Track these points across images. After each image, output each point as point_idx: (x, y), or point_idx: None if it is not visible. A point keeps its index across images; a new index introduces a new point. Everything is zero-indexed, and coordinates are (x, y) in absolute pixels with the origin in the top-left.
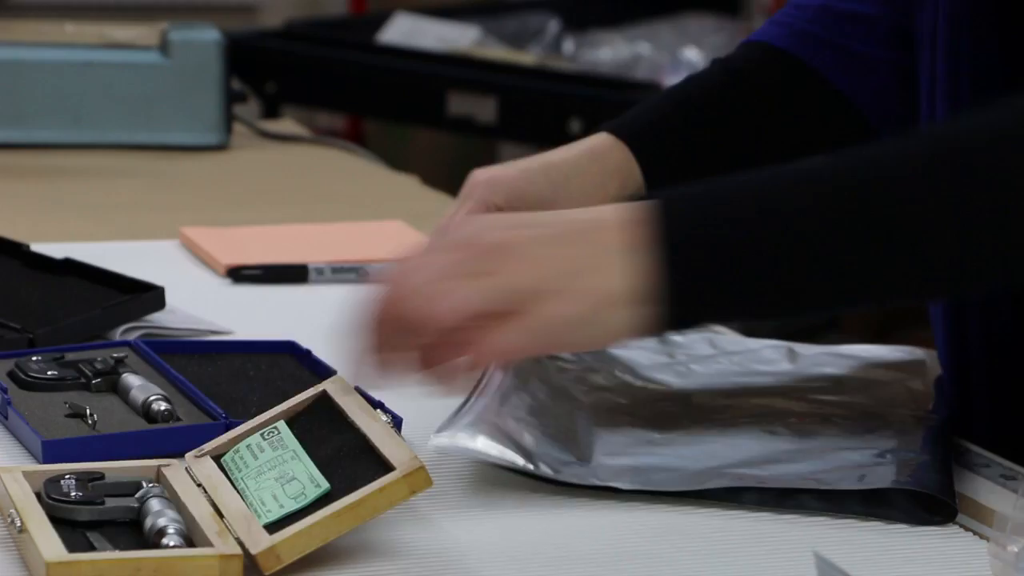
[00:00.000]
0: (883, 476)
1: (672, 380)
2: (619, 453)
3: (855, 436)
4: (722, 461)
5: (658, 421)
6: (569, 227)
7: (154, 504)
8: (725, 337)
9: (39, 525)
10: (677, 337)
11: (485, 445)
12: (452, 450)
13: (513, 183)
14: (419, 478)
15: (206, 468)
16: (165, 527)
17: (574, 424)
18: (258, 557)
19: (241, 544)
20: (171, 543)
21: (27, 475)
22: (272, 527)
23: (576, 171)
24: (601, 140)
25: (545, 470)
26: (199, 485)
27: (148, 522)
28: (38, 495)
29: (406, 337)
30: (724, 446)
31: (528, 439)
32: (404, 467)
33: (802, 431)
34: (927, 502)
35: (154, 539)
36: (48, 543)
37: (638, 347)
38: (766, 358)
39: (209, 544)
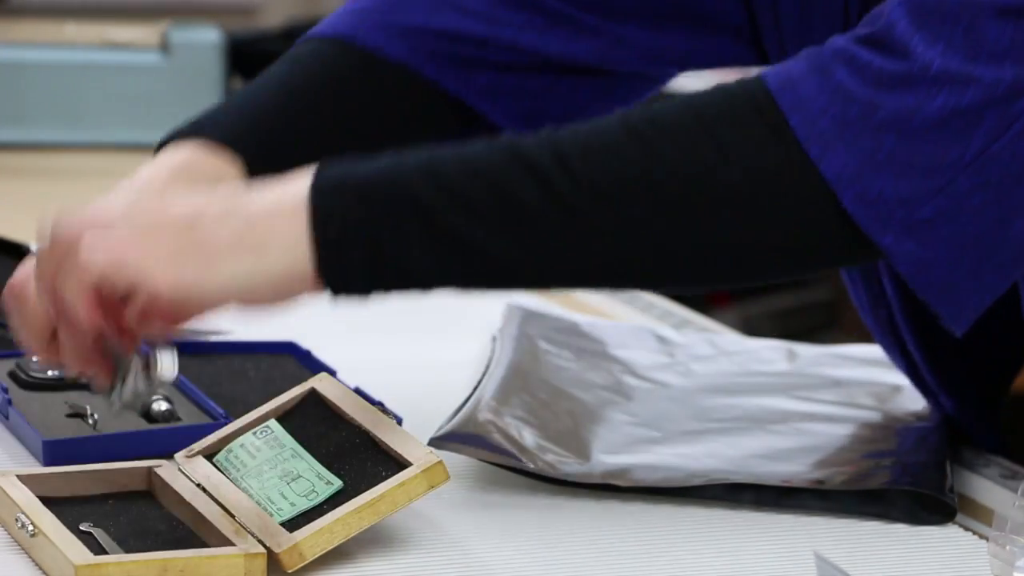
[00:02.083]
0: (882, 476)
1: (672, 380)
2: (618, 452)
3: (855, 436)
4: (722, 460)
5: (658, 421)
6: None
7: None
8: (725, 337)
9: (57, 529)
10: (677, 337)
11: (484, 445)
12: (451, 450)
13: None
14: (437, 472)
15: (203, 468)
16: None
17: (574, 424)
18: (282, 556)
19: (260, 542)
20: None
21: (23, 479)
22: (287, 525)
23: None
24: (200, 162)
25: (545, 469)
26: (198, 485)
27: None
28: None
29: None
30: (724, 446)
31: (528, 439)
32: (422, 462)
33: (802, 431)
34: (926, 502)
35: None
36: (73, 546)
37: (638, 347)
38: (766, 358)
39: (228, 543)
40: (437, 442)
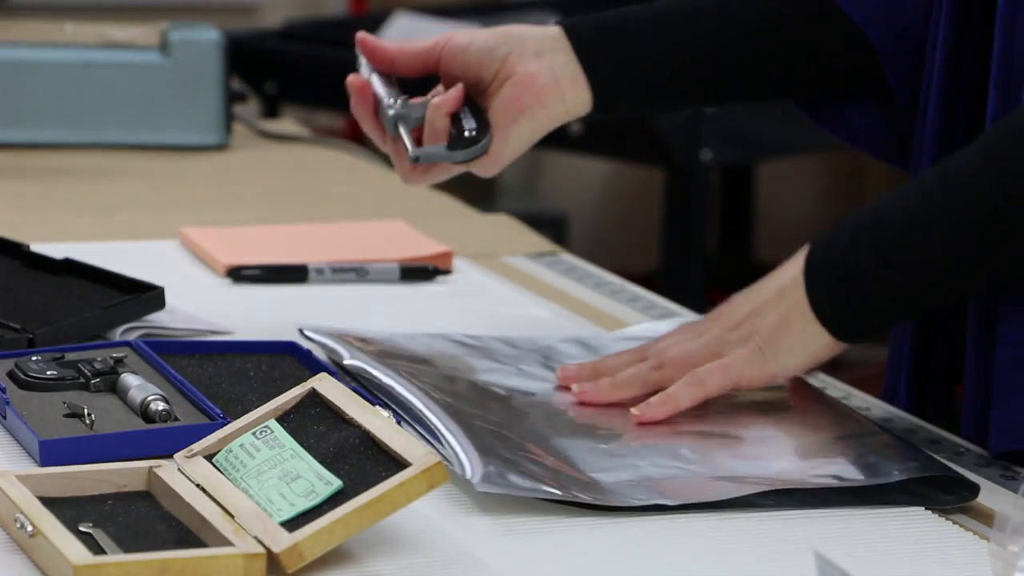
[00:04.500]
0: (887, 468)
1: None
2: (620, 467)
3: (855, 436)
4: (725, 470)
5: (658, 421)
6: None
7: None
8: None
9: (56, 529)
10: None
11: (520, 482)
12: (497, 493)
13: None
14: (437, 472)
15: (202, 468)
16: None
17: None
18: (281, 556)
19: (259, 543)
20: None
21: (22, 479)
22: (286, 526)
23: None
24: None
25: (585, 496)
26: (197, 485)
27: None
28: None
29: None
30: (726, 446)
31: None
32: (421, 462)
33: (804, 429)
34: (943, 483)
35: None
36: (72, 546)
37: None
38: None
39: (227, 543)
40: (486, 486)
